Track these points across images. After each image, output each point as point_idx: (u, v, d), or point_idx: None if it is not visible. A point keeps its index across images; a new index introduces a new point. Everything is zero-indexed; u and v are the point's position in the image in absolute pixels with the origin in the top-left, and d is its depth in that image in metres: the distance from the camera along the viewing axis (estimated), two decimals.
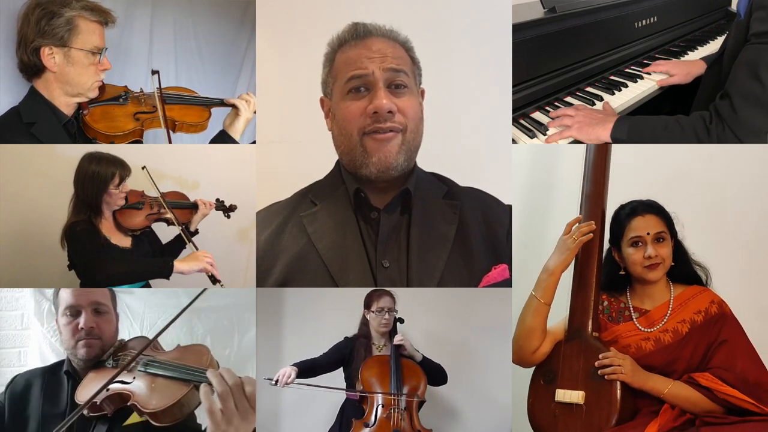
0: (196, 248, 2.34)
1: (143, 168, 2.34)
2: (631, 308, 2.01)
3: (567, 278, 2.04)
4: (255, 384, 1.58)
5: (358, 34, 1.89)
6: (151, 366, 1.83)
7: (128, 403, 1.78)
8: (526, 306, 2.02)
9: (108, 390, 1.77)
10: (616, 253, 2.04)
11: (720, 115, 2.02)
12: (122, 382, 1.80)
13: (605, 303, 2.05)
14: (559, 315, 2.06)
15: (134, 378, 1.82)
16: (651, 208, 2.01)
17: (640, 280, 2.00)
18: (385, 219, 1.88)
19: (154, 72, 2.30)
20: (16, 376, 2.02)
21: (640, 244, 1.97)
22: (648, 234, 1.96)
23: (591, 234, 1.98)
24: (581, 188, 2.09)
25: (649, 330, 1.96)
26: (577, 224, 2.01)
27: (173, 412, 1.74)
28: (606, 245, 2.07)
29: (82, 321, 1.92)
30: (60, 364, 2.02)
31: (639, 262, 1.97)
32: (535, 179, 2.51)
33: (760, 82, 1.97)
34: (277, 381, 2.25)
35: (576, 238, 1.98)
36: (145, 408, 1.74)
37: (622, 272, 2.02)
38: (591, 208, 2.05)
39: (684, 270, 2.02)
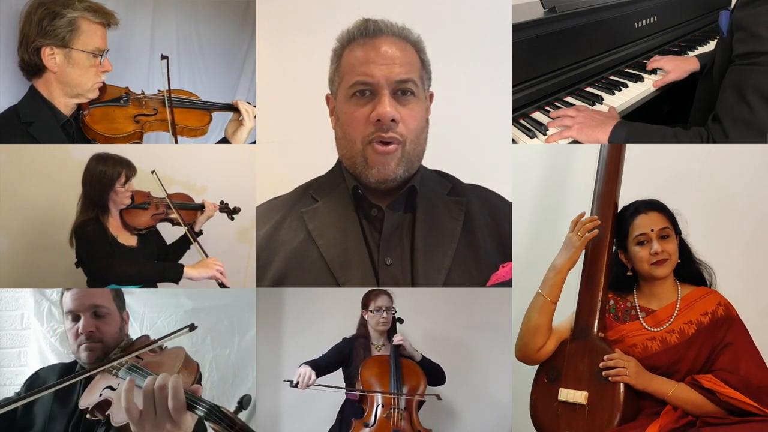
0: (202, 249, 2.34)
1: (152, 172, 2.36)
2: (638, 308, 2.00)
3: (574, 276, 2.02)
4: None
5: (368, 32, 1.84)
6: (133, 373, 1.64)
7: (106, 413, 1.58)
8: (532, 304, 2.00)
9: (101, 395, 1.62)
10: (622, 255, 2.03)
11: (713, 139, 2.04)
12: (110, 387, 1.63)
13: (611, 302, 2.04)
14: (564, 312, 2.05)
15: (119, 384, 1.62)
16: (653, 205, 2.01)
17: (648, 279, 1.99)
18: (389, 216, 1.87)
19: (163, 57, 2.28)
20: (39, 369, 1.98)
21: (645, 242, 1.96)
22: (652, 231, 1.95)
23: (596, 230, 1.98)
24: (594, 186, 2.07)
25: (655, 330, 1.95)
26: (581, 220, 1.99)
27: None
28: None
29: (80, 326, 1.86)
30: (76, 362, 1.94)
31: (646, 260, 1.95)
32: (535, 179, 2.50)
33: (747, 105, 1.98)
34: (297, 383, 2.24)
35: (581, 235, 1.97)
36: (114, 421, 1.52)
37: (629, 273, 2.01)
38: (602, 206, 2.04)
39: (690, 269, 2.01)
